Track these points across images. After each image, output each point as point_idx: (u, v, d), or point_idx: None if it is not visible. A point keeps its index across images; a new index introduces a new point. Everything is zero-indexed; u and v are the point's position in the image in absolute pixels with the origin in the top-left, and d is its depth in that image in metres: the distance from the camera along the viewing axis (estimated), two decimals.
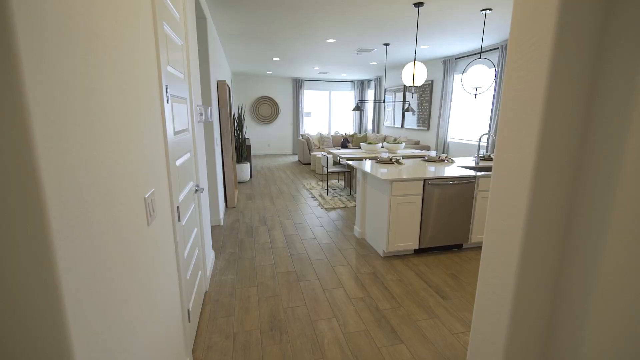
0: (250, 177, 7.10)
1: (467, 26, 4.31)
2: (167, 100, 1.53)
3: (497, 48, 5.38)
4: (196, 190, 2.23)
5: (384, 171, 3.30)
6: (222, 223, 4.12)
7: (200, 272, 2.34)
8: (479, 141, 3.72)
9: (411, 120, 8.52)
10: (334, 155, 5.86)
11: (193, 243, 2.11)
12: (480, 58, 3.73)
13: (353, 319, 2.23)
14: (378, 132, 10.58)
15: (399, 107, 9.08)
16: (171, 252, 1.53)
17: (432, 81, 7.39)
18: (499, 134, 1.08)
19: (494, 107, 5.43)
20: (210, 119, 2.93)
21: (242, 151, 6.54)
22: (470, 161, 4.04)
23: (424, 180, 3.05)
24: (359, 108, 5.66)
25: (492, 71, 3.69)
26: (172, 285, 1.53)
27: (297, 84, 10.67)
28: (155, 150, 1.32)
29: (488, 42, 5.27)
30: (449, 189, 3.14)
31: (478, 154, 3.80)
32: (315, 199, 5.36)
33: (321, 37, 4.99)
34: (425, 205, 3.11)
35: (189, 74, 2.16)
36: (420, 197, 3.08)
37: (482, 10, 3.68)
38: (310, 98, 11.20)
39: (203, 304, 2.40)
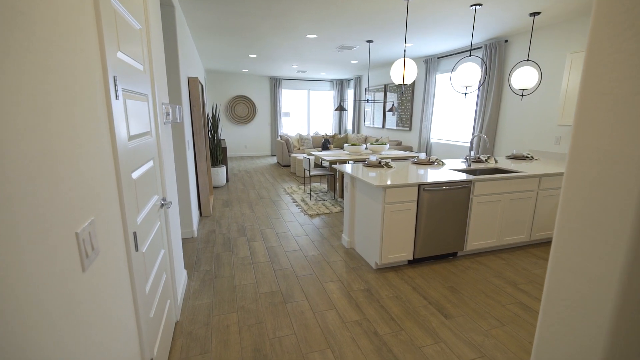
0: (227, 181, 6.67)
1: (454, 22, 4.15)
2: (117, 97, 1.17)
3: (481, 47, 5.30)
4: (162, 205, 1.87)
5: (373, 175, 3.05)
6: (195, 235, 3.72)
7: (169, 301, 1.98)
8: (471, 142, 3.56)
9: (391, 120, 8.39)
10: (317, 158, 5.57)
11: (159, 269, 1.74)
12: (470, 55, 3.57)
13: (350, 349, 1.95)
14: (358, 132, 10.41)
15: (378, 107, 8.93)
16: (125, 293, 1.18)
17: (413, 81, 7.27)
18: (579, 116, 0.81)
19: (478, 108, 5.34)
20: (179, 120, 2.55)
21: (217, 154, 6.11)
22: (459, 163, 3.87)
23: (419, 185, 2.82)
24: (342, 108, 5.41)
25: (480, 69, 3.54)
26: (126, 335, 1.17)
27: (275, 83, 10.29)
28: (96, 163, 0.97)
29: (468, 41, 5.17)
30: (444, 195, 2.94)
31: (469, 155, 3.64)
32: (298, 205, 5.04)
33: (302, 32, 4.69)
34: (420, 213, 2.89)
35: (152, 65, 1.79)
36: (415, 203, 2.85)
37: (471, 6, 3.52)
38: (289, 98, 10.86)
39: (173, 338, 2.03)
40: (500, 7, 3.55)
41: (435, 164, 3.75)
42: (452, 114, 6.23)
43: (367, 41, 5.24)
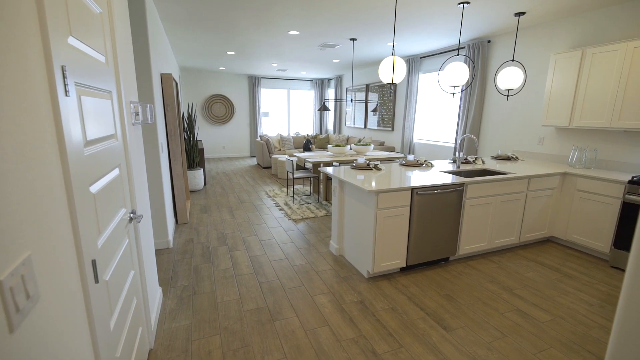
0: (205, 184, 6.33)
1: (439, 21, 4.08)
2: (68, 92, 0.93)
3: (464, 47, 5.28)
4: (131, 219, 1.61)
5: (361, 178, 2.90)
6: (171, 245, 3.42)
7: (141, 328, 1.72)
8: (460, 143, 3.48)
9: (372, 120, 8.32)
10: (300, 159, 5.37)
11: (128, 295, 1.49)
12: (457, 55, 3.49)
13: None
14: (340, 132, 10.29)
15: (359, 107, 8.84)
16: (80, 340, 0.94)
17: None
18: None
19: (461, 108, 5.33)
20: (151, 120, 2.28)
21: (193, 156, 5.77)
22: (447, 164, 3.80)
23: (412, 189, 2.69)
24: (325, 108, 5.24)
25: (468, 69, 3.48)
26: None
27: (254, 82, 9.98)
28: (33, 178, 0.74)
29: (453, 41, 5.14)
30: (437, 198, 2.82)
31: (458, 157, 3.56)
32: (281, 209, 4.82)
33: (283, 28, 4.47)
34: (413, 218, 2.76)
35: (116, 58, 1.54)
36: (408, 208, 2.71)
37: (459, 4, 3.44)
38: (268, 97, 10.57)
39: None
40: (487, 6, 3.50)
41: (424, 165, 3.65)
42: (435, 114, 6.21)
43: (351, 39, 5.10)
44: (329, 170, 3.26)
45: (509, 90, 3.94)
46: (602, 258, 3.27)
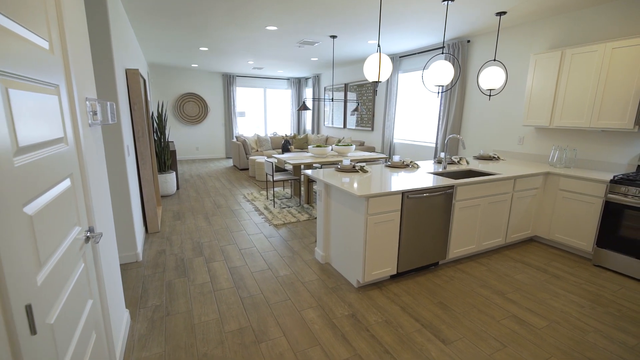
0: (177, 188, 5.95)
1: (421, 19, 4.00)
2: None
3: (444, 47, 5.26)
4: (87, 238, 1.35)
5: (346, 180, 2.74)
6: (140, 258, 3.10)
7: None
8: (447, 144, 3.41)
9: (351, 120, 8.22)
10: (279, 161, 5.14)
11: (84, 332, 1.23)
12: (442, 53, 3.42)
13: None
14: (318, 132, 10.12)
15: (338, 107, 8.71)
16: None
17: (376, 80, 7.13)
18: None
19: (442, 108, 5.31)
20: (113, 120, 1.99)
21: (165, 158, 5.39)
22: (433, 165, 3.73)
23: (403, 193, 2.56)
24: (305, 107, 5.04)
25: (452, 67, 3.41)
26: None
27: (228, 80, 9.60)
28: None
29: (433, 40, 5.11)
30: (427, 202, 2.71)
31: (445, 158, 3.48)
32: (261, 213, 4.58)
33: (261, 23, 4.23)
34: (404, 223, 2.63)
35: (65, 45, 1.27)
36: (399, 213, 2.58)
37: (443, 1, 3.36)
38: (244, 96, 10.22)
39: None
40: (470, 4, 3.44)
41: (410, 166, 3.55)
42: (415, 114, 6.18)
43: (331, 36, 4.93)
44: (314, 173, 3.07)
45: (491, 90, 3.92)
46: (584, 257, 3.30)
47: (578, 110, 3.43)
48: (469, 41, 4.87)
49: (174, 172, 5.57)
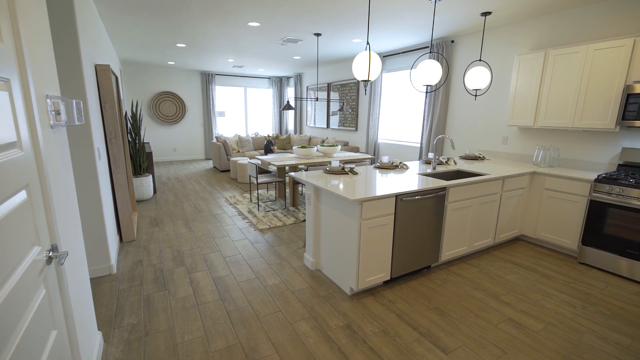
0: (154, 192, 5.64)
1: (409, 17, 3.94)
2: None
3: (428, 47, 5.25)
4: (49, 259, 1.16)
5: (335, 183, 2.63)
6: (114, 270, 2.86)
7: None
8: (436, 144, 3.37)
9: (333, 120, 8.14)
10: (263, 163, 4.96)
11: None
12: (430, 52, 3.38)
13: None
14: (301, 133, 9.97)
15: (320, 106, 8.60)
16: None
17: (358, 80, 7.09)
18: None
19: (426, 108, 5.30)
20: (80, 121, 1.78)
21: (140, 160, 5.08)
22: (421, 165, 3.68)
23: (396, 196, 2.47)
24: (289, 107, 4.89)
25: (441, 67, 3.36)
26: None
27: (207, 79, 9.27)
28: None
29: (417, 40, 5.09)
30: (421, 204, 2.64)
31: (434, 158, 3.44)
32: (245, 218, 4.39)
33: (243, 18, 4.04)
34: (397, 226, 2.54)
35: (18, 30, 1.08)
36: (393, 217, 2.49)
37: (431, 0, 3.31)
38: (223, 95, 9.91)
39: None
40: (455, 4, 3.41)
41: (400, 167, 3.48)
42: (400, 114, 6.16)
43: (315, 34, 4.81)
44: (303, 176, 2.94)
45: (477, 90, 3.92)
46: (570, 255, 3.35)
47: (561, 110, 3.48)
48: (452, 41, 4.88)
49: (151, 175, 5.27)
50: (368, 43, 2.85)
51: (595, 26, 3.37)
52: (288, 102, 4.88)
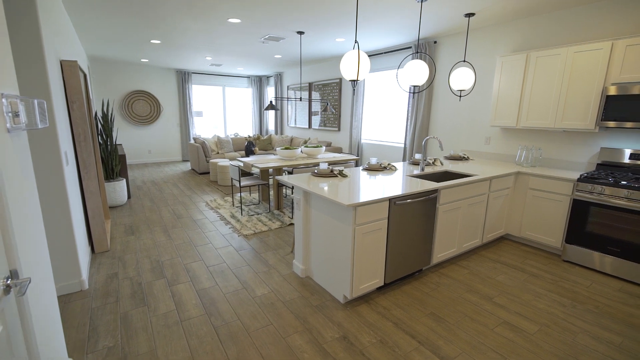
0: (129, 197, 5.32)
1: (395, 17, 3.90)
2: None
3: (410, 47, 5.25)
4: (7, 288, 0.98)
5: (327, 187, 2.53)
6: (86, 286, 2.61)
7: None
8: (424, 145, 3.34)
9: (315, 120, 8.05)
10: (246, 165, 4.78)
11: None
12: (417, 52, 3.34)
13: None
14: (282, 133, 9.80)
15: (301, 107, 8.48)
16: None
17: (340, 79, 7.03)
18: None
19: (410, 108, 5.30)
20: (44, 123, 1.57)
21: (112, 164, 4.76)
22: (408, 167, 3.65)
23: (390, 200, 2.39)
24: (273, 107, 4.74)
25: (427, 68, 3.33)
26: None
27: (183, 77, 8.91)
28: None
29: (401, 40, 5.08)
30: (413, 207, 2.58)
31: (423, 159, 3.41)
32: (228, 223, 4.20)
33: (223, 14, 3.85)
34: (391, 231, 2.47)
35: None
36: (386, 221, 2.42)
37: (419, 0, 3.27)
38: (201, 94, 9.57)
39: None
40: (440, 4, 3.39)
41: (388, 169, 3.43)
42: (383, 114, 6.14)
43: (298, 32, 4.68)
44: (293, 181, 2.81)
45: (461, 90, 3.94)
46: (554, 253, 3.41)
47: (543, 111, 3.54)
48: (435, 42, 4.89)
49: (124, 179, 4.96)
50: (357, 42, 2.76)
51: (575, 29, 3.45)
52: (271, 102, 4.73)
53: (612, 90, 2.99)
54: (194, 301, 2.43)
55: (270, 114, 10.32)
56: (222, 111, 10.03)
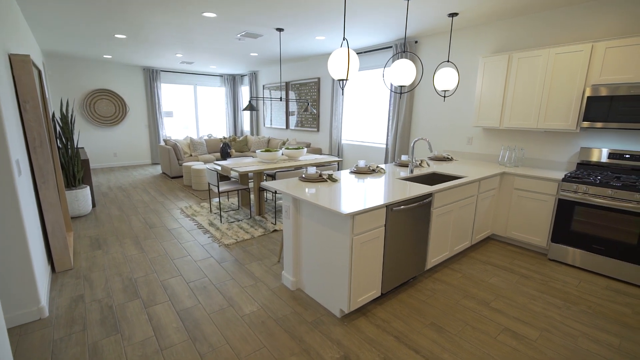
0: (94, 205, 4.87)
1: (379, 15, 3.79)
2: None
3: (391, 47, 5.20)
4: None
5: (312, 192, 2.38)
6: (46, 313, 2.28)
7: None
8: (412, 146, 3.26)
9: (292, 120, 7.86)
10: (225, 169, 4.51)
11: None
12: (404, 52, 3.25)
13: None
14: (258, 134, 9.51)
15: (277, 106, 8.25)
16: None
17: (318, 78, 6.88)
18: None
19: (391, 108, 5.25)
20: None
21: (74, 170, 4.32)
22: (395, 169, 3.56)
23: (387, 206, 2.27)
24: (252, 107, 4.49)
25: (415, 68, 3.26)
26: None
27: (151, 76, 8.39)
28: None
29: (382, 39, 5.01)
30: (409, 212, 2.48)
31: (412, 161, 3.33)
32: (206, 231, 3.92)
33: (197, 7, 3.57)
34: (388, 238, 2.35)
35: None
36: (383, 229, 2.29)
37: None
38: (170, 94, 9.06)
39: None
40: (423, 3, 3.33)
41: (377, 172, 3.32)
42: (364, 114, 6.06)
43: (277, 29, 4.47)
44: (281, 187, 2.62)
45: (445, 91, 3.91)
46: (540, 252, 3.46)
47: (526, 112, 3.58)
48: (416, 42, 4.86)
49: (88, 187, 4.52)
50: (345, 39, 2.62)
51: (557, 31, 3.51)
52: (250, 102, 4.48)
53: (592, 92, 3.05)
54: (175, 324, 2.18)
55: (246, 114, 9.99)
56: (194, 111, 9.57)
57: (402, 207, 2.35)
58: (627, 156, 3.14)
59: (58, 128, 4.51)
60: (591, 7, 3.25)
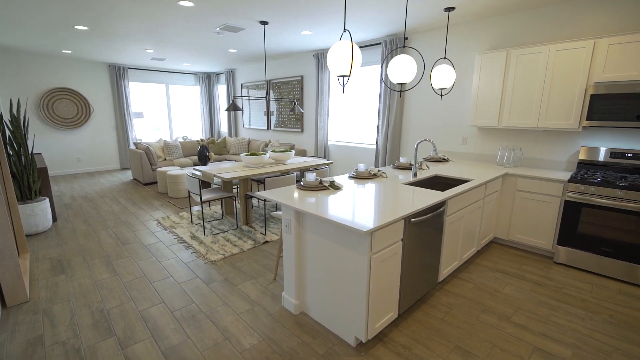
0: (55, 219, 4.29)
1: (371, 10, 3.55)
2: None
3: (380, 43, 4.98)
4: None
5: (312, 201, 2.10)
6: None
7: None
8: (415, 148, 3.03)
9: (273, 120, 7.50)
10: (207, 175, 4.10)
11: None
12: (404, 47, 3.01)
13: None
14: (237, 135, 9.04)
15: (256, 106, 7.86)
16: None
17: (302, 77, 6.56)
18: None
19: (381, 108, 5.04)
20: None
21: (29, 180, 3.76)
22: (394, 172, 3.34)
23: (405, 218, 2.02)
24: (236, 107, 4.11)
25: (415, 64, 3.04)
26: None
27: (118, 73, 7.71)
28: None
29: (370, 35, 4.78)
30: (425, 223, 2.24)
31: (415, 164, 3.11)
32: (189, 246, 3.51)
33: None
34: (405, 254, 2.10)
35: None
36: (401, 243, 2.04)
37: None
38: (140, 93, 8.40)
39: None
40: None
41: (379, 176, 3.07)
42: (351, 113, 5.82)
43: (261, 22, 4.12)
44: (279, 198, 2.29)
45: (442, 89, 3.73)
46: (545, 255, 3.35)
47: (526, 110, 3.47)
48: (406, 38, 4.67)
49: (47, 198, 3.95)
50: (346, 30, 2.34)
51: (557, 27, 3.41)
52: (233, 101, 4.10)
53: (596, 89, 2.96)
54: None
55: (223, 114, 9.48)
56: (166, 112, 8.94)
57: (420, 218, 2.10)
58: (629, 155, 3.08)
59: (8, 132, 3.91)
60: (588, 4, 3.17)
